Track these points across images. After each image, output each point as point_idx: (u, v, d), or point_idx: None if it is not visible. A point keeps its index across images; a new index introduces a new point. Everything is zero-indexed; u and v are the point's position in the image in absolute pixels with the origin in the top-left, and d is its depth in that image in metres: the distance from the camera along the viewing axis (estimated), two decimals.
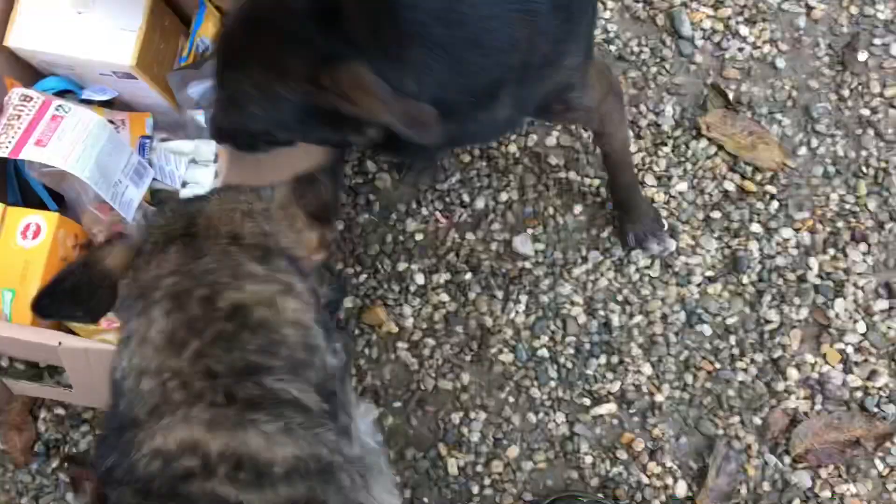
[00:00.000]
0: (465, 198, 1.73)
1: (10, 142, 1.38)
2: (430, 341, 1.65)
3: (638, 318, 1.63)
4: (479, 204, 1.73)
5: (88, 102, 1.57)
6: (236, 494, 0.83)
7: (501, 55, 1.10)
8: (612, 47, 1.79)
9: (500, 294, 1.67)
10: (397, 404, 1.63)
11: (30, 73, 1.59)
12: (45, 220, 1.44)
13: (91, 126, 1.44)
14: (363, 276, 1.71)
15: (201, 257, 0.91)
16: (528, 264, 1.68)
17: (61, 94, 1.58)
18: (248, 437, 0.84)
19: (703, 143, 1.72)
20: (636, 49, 1.80)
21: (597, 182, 1.72)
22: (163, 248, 0.93)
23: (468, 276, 1.69)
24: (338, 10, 1.04)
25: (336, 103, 1.06)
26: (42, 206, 1.54)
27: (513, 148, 1.75)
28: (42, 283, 1.43)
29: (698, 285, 1.65)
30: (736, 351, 1.61)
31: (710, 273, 1.65)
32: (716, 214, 1.69)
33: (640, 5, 1.82)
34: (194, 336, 0.87)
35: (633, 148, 1.72)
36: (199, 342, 0.87)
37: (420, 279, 1.69)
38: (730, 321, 1.62)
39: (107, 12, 1.50)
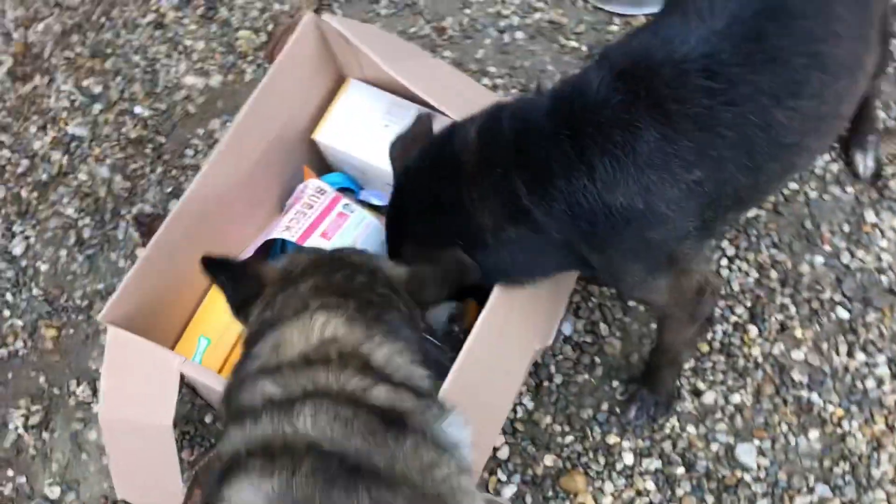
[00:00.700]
0: (700, 385, 1.66)
1: (300, 228, 1.47)
2: None
3: None
4: (708, 398, 1.65)
5: (363, 203, 1.66)
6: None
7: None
8: (884, 277, 1.71)
9: (710, 499, 1.57)
10: None
11: (321, 165, 1.71)
12: None
13: (370, 229, 1.51)
14: (569, 438, 1.66)
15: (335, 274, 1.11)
16: (747, 477, 1.58)
17: (342, 190, 1.68)
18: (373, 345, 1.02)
19: None
20: None
21: (840, 412, 1.61)
22: (308, 274, 1.12)
23: (680, 470, 1.60)
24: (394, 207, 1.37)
25: None
26: None
27: (756, 351, 1.67)
28: (236, 342, 1.49)
29: None
30: None
31: None
32: None
33: None
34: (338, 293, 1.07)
35: None
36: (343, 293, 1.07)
37: (629, 459, 1.62)
38: None
39: None
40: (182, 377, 1.31)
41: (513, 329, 1.43)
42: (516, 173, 1.20)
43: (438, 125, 1.58)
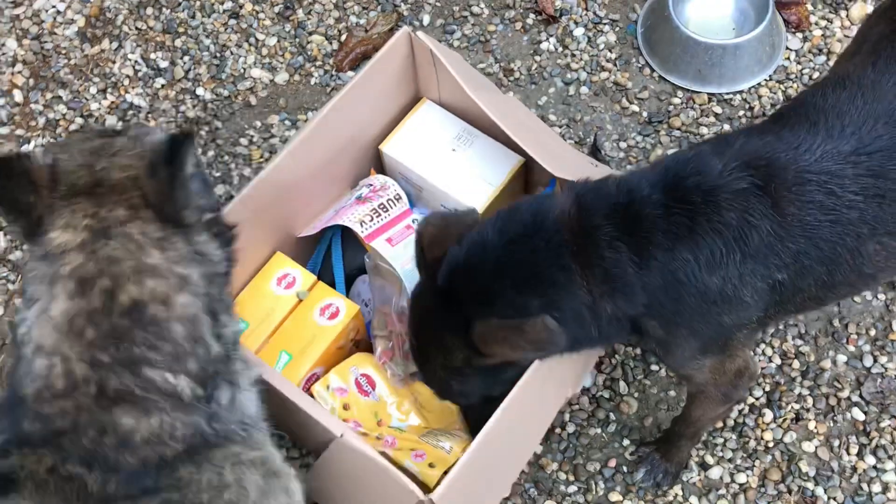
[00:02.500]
0: (708, 459, 1.67)
1: (371, 226, 1.51)
2: None
3: None
4: (715, 473, 1.67)
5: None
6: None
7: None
8: None
9: None
10: None
11: (380, 172, 1.74)
12: (346, 307, 1.53)
13: None
14: (573, 488, 1.67)
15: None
16: None
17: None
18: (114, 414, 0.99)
19: None
20: None
21: None
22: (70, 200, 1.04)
23: None
24: (454, 286, 1.21)
25: (485, 359, 1.22)
26: (331, 285, 1.62)
27: (768, 435, 1.69)
28: (317, 361, 1.50)
29: None
30: None
31: None
32: None
33: None
34: (92, 327, 1.00)
35: None
36: (94, 333, 1.00)
37: None
38: None
39: (477, 159, 1.63)
40: None
41: (556, 374, 1.45)
42: (625, 245, 1.18)
43: (505, 160, 1.63)
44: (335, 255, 1.64)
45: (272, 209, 1.49)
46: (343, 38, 2.18)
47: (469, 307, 1.19)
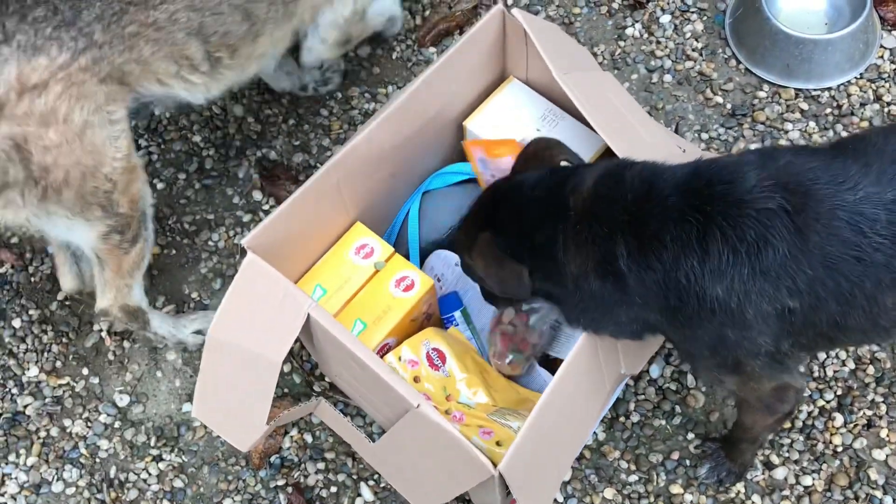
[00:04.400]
0: (773, 459, 1.65)
1: None
2: None
3: None
4: (779, 474, 1.65)
5: None
6: None
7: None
8: None
9: None
10: None
11: (460, 150, 1.74)
12: (421, 281, 1.54)
13: None
14: (633, 477, 1.66)
15: None
16: None
17: (469, 181, 1.71)
18: None
19: None
20: None
21: None
22: None
23: None
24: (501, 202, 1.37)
25: (469, 261, 1.39)
26: (405, 257, 1.63)
27: (837, 440, 1.66)
28: (391, 331, 1.51)
29: None
30: None
31: None
32: None
33: None
34: None
35: None
36: None
37: None
38: None
39: (561, 140, 1.62)
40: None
41: (606, 344, 1.44)
42: (622, 237, 1.23)
43: (590, 142, 1.62)
44: (411, 228, 1.66)
45: (357, 179, 1.50)
46: (426, 13, 2.18)
47: (494, 223, 1.33)
